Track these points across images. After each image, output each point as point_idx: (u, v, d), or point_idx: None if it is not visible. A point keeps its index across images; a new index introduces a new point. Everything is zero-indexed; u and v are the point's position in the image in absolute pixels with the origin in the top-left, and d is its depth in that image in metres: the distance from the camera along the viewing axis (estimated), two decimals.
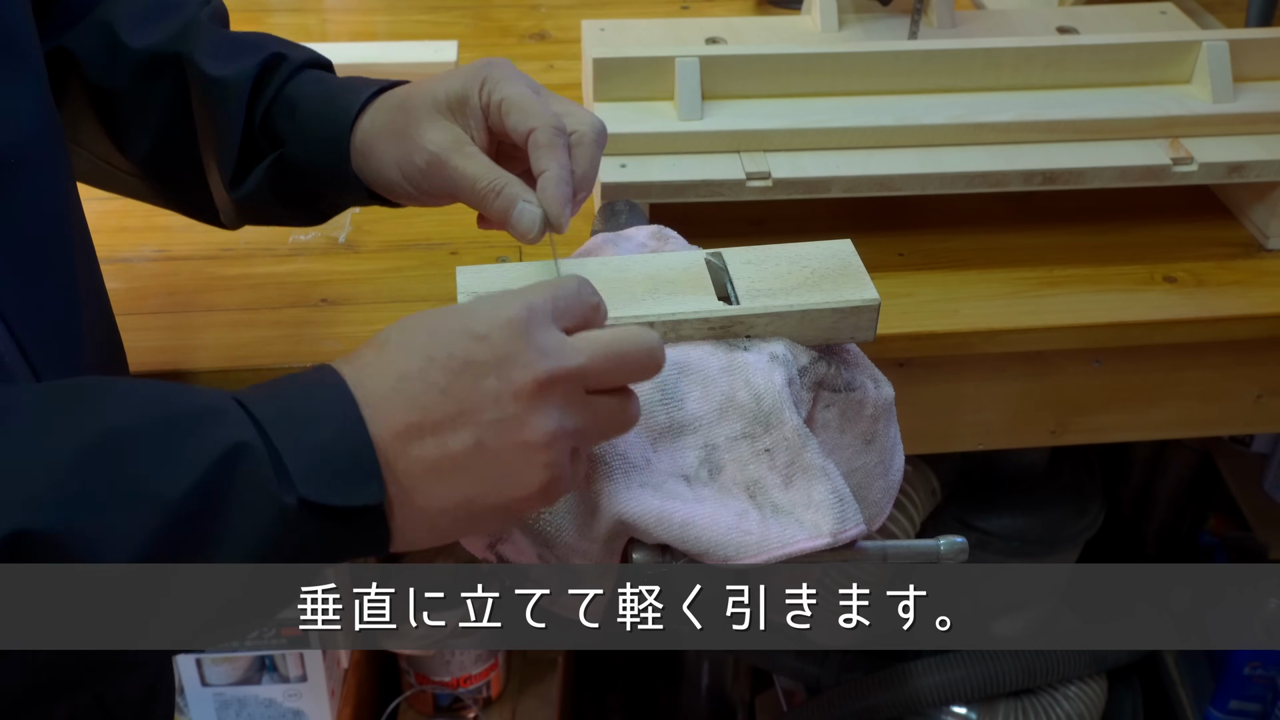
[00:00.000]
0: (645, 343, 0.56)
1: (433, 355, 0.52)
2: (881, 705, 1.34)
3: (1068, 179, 0.95)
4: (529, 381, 0.52)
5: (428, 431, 0.51)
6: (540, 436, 0.53)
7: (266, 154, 0.74)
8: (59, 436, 0.46)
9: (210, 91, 0.73)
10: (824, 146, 0.95)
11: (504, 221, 0.66)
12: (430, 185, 0.69)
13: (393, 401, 0.51)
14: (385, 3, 1.43)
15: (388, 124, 0.70)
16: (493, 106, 0.67)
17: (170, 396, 0.50)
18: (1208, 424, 1.03)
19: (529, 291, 0.55)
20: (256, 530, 0.48)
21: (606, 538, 0.65)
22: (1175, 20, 1.12)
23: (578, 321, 0.56)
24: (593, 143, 0.67)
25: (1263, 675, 1.48)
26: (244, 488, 0.48)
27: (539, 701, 1.51)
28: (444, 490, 0.52)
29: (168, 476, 0.47)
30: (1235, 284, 0.96)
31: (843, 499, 0.63)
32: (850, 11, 1.10)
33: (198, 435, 0.48)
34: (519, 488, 0.53)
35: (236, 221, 0.80)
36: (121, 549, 0.45)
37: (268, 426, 0.49)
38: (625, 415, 0.57)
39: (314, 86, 0.74)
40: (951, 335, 0.91)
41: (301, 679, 1.30)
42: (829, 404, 0.68)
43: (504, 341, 0.52)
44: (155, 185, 0.80)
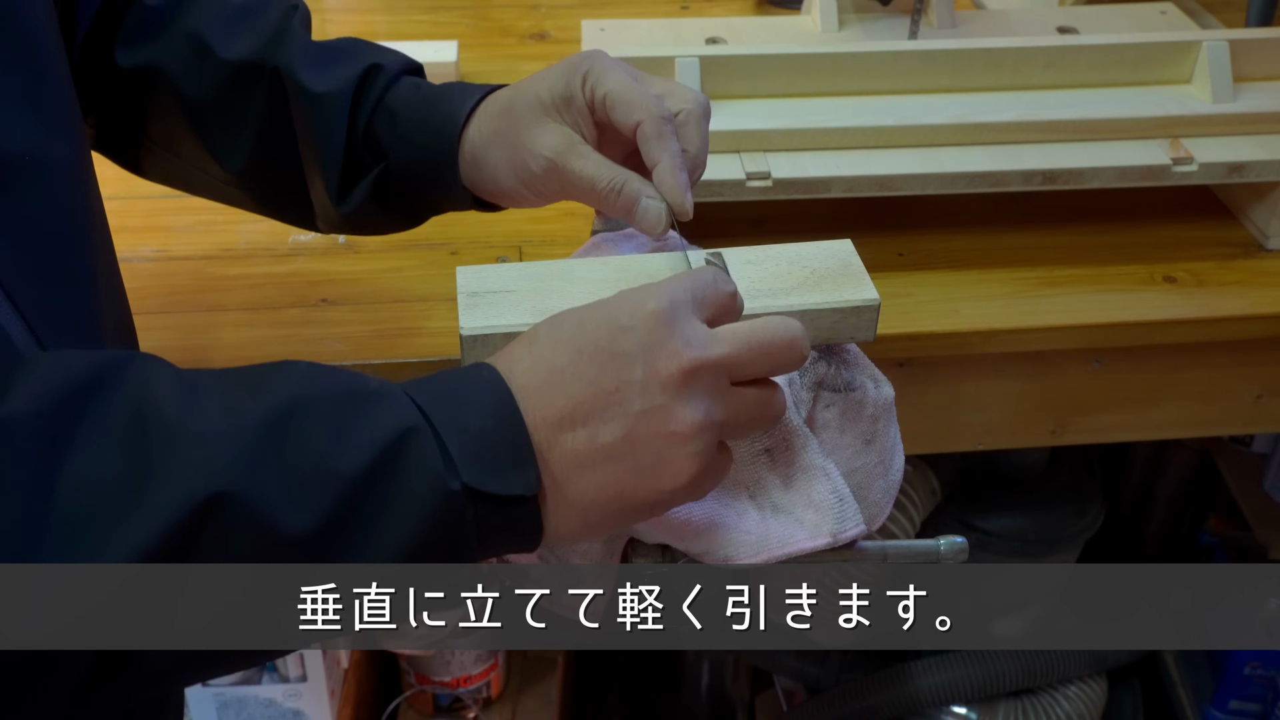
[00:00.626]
0: (788, 333, 0.56)
1: (580, 348, 0.54)
2: (881, 705, 1.34)
3: (1068, 179, 0.95)
4: (675, 371, 0.53)
5: (579, 423, 0.53)
6: (687, 426, 0.53)
7: (368, 165, 0.74)
8: (249, 409, 0.49)
9: (310, 106, 0.73)
10: (824, 146, 0.95)
11: (630, 218, 0.67)
12: (547, 188, 0.70)
13: (544, 394, 0.53)
14: (385, 3, 1.43)
15: (496, 131, 0.70)
16: (597, 101, 0.68)
17: (345, 378, 0.52)
18: (1208, 424, 1.03)
19: (670, 283, 0.56)
20: (421, 512, 0.50)
21: (607, 538, 0.65)
22: (1175, 20, 1.12)
23: (716, 311, 0.57)
24: (700, 119, 0.69)
25: (1263, 675, 1.48)
26: (412, 469, 0.50)
27: (539, 701, 1.51)
28: (595, 481, 0.53)
29: (345, 452, 0.49)
30: (1235, 284, 0.96)
31: (843, 499, 0.63)
32: (850, 11, 1.10)
33: (373, 415, 0.50)
34: (668, 479, 0.54)
35: (336, 230, 0.80)
36: (302, 516, 0.48)
37: (431, 414, 0.51)
38: (770, 407, 0.58)
39: (412, 95, 0.74)
40: (951, 335, 0.91)
41: (301, 679, 1.30)
42: (829, 404, 0.68)
43: (649, 332, 0.53)
44: (255, 195, 0.80)
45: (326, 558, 0.49)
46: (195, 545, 0.46)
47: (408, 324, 0.91)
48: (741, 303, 0.59)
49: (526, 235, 1.01)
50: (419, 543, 0.50)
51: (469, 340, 0.62)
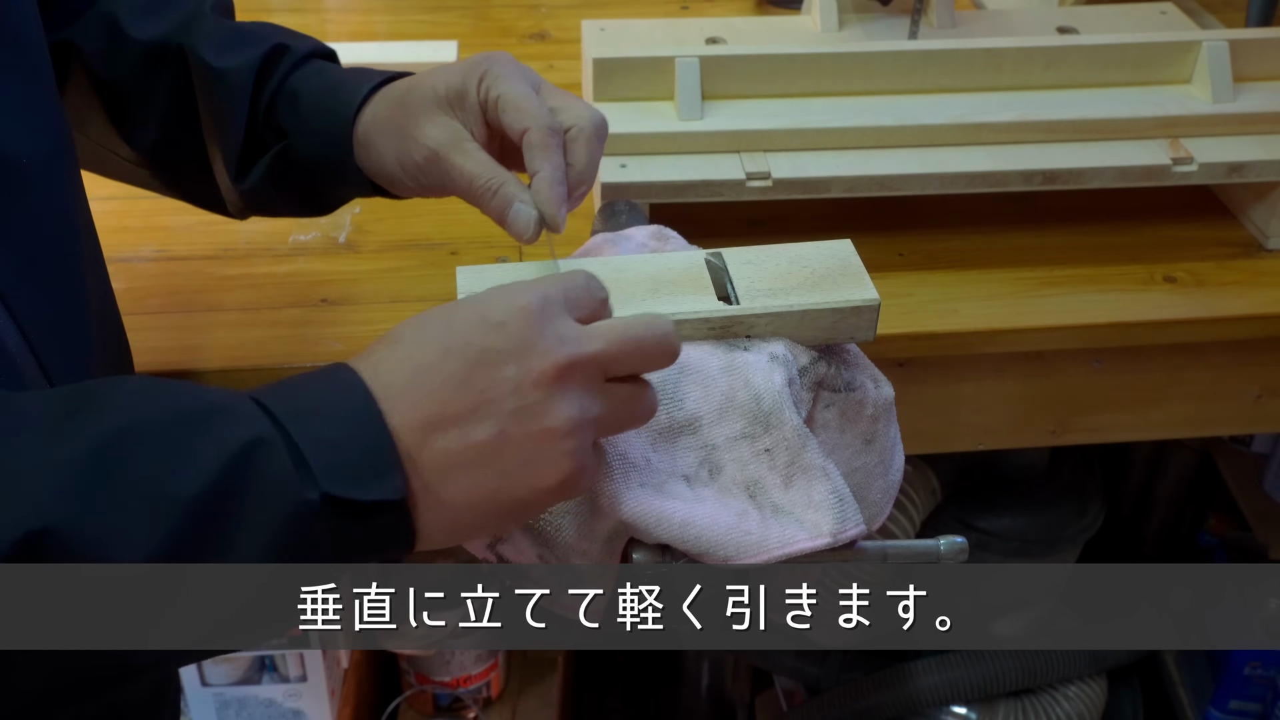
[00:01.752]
0: (659, 329, 0.55)
1: (449, 346, 0.52)
2: (881, 705, 1.34)
3: (1068, 179, 0.95)
4: (549, 367, 0.52)
5: (449, 423, 0.51)
6: (562, 423, 0.52)
7: (270, 146, 0.74)
8: (71, 436, 0.46)
9: (213, 83, 0.73)
10: (824, 146, 0.95)
11: (501, 221, 0.66)
12: (428, 180, 0.69)
13: (410, 394, 0.51)
14: (385, 3, 1.43)
15: (388, 118, 0.70)
16: (490, 102, 0.67)
17: (182, 394, 0.49)
18: (1208, 424, 1.03)
19: (540, 282, 0.54)
20: (275, 528, 0.47)
21: (606, 538, 0.65)
22: (1175, 20, 1.12)
23: (587, 314, 0.56)
24: (591, 138, 0.67)
25: (1263, 675, 1.48)
26: (262, 484, 0.47)
27: (539, 701, 1.51)
28: (468, 483, 0.52)
29: (182, 474, 0.46)
30: (1235, 284, 0.96)
31: (843, 499, 0.63)
32: (850, 11, 1.10)
33: (213, 432, 0.47)
34: (543, 478, 0.53)
35: (243, 212, 0.79)
36: (135, 547, 0.45)
37: (285, 422, 0.49)
38: (643, 404, 0.57)
39: (317, 78, 0.74)
40: (951, 335, 0.91)
41: (301, 679, 1.30)
42: (829, 404, 0.68)
43: (521, 329, 0.52)
44: (161, 176, 0.80)
45: (172, 585, 0.46)
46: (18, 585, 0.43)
47: None
48: (611, 312, 0.57)
49: None
50: (277, 557, 0.48)
51: None
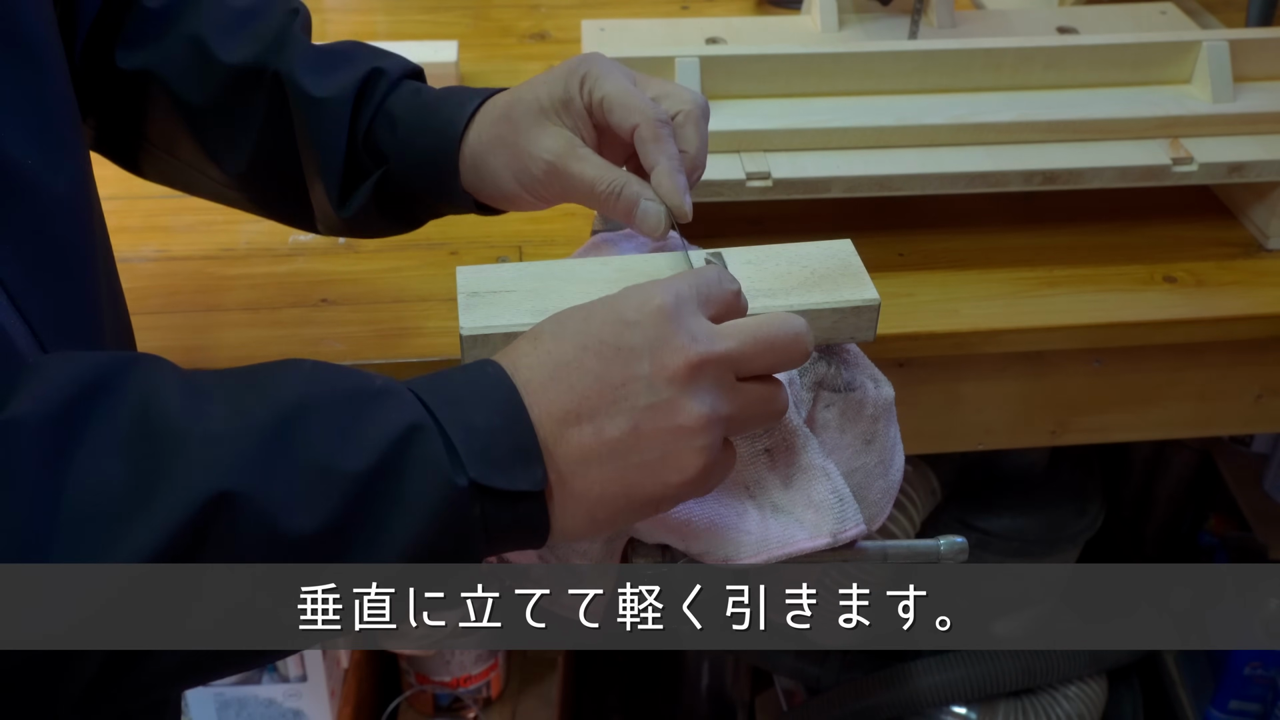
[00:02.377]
0: (792, 329, 0.57)
1: (586, 344, 0.54)
2: (881, 705, 1.34)
3: (1068, 179, 0.95)
4: (681, 365, 0.53)
5: (585, 418, 0.53)
6: (694, 420, 0.53)
7: (369, 170, 0.74)
8: (254, 409, 0.49)
9: (311, 111, 0.73)
10: (824, 146, 0.95)
11: (629, 221, 0.67)
12: (548, 192, 0.70)
13: (550, 389, 0.53)
14: (385, 3, 1.43)
15: (496, 136, 0.71)
16: (595, 104, 0.68)
17: (350, 377, 0.52)
18: (1208, 424, 1.03)
19: (675, 280, 0.56)
20: (428, 509, 0.50)
21: (606, 538, 0.65)
22: (1175, 20, 1.12)
23: (720, 309, 0.57)
24: (698, 120, 0.69)
25: (1263, 675, 1.48)
26: (418, 467, 0.50)
27: (539, 701, 1.51)
28: (602, 476, 0.53)
29: (351, 450, 0.49)
30: (1235, 284, 0.96)
31: (843, 499, 0.63)
32: (850, 11, 1.10)
33: (378, 414, 0.50)
34: (675, 473, 0.54)
35: (338, 233, 0.80)
36: (308, 515, 0.48)
37: (436, 411, 0.51)
38: (774, 403, 0.58)
39: (413, 99, 0.74)
40: (951, 335, 0.91)
41: (301, 679, 1.30)
42: (829, 404, 0.68)
43: (655, 327, 0.54)
44: (254, 197, 0.80)
45: (334, 557, 0.49)
46: (202, 546, 0.46)
47: (408, 324, 0.92)
48: (745, 302, 0.59)
49: (526, 235, 1.01)
50: (426, 539, 0.50)
51: (469, 340, 0.62)
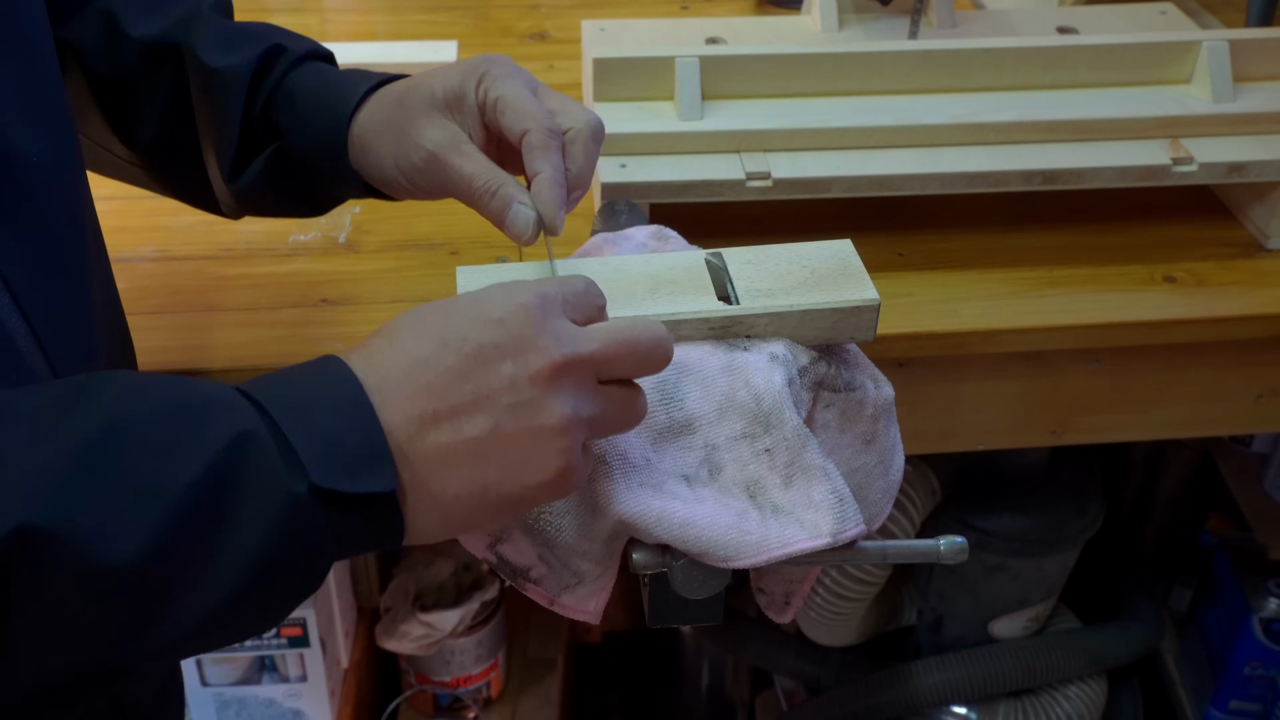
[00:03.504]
0: (654, 333, 0.56)
1: (446, 340, 0.52)
2: (881, 705, 1.34)
3: (1068, 179, 0.95)
4: (546, 365, 0.52)
5: (443, 417, 0.51)
6: (556, 421, 0.52)
7: (265, 146, 0.74)
8: (61, 432, 0.46)
9: (209, 82, 0.73)
10: (824, 146, 0.95)
11: (499, 222, 0.66)
12: (427, 182, 0.69)
13: (405, 387, 0.51)
14: (385, 3, 1.43)
15: (385, 120, 0.70)
16: (489, 105, 0.67)
17: (172, 388, 0.49)
18: (1208, 424, 1.03)
19: (540, 282, 0.55)
20: (265, 521, 0.47)
21: (607, 538, 0.65)
22: (1175, 20, 1.12)
23: (585, 318, 0.56)
24: (588, 140, 0.67)
25: (1263, 675, 1.48)
26: (251, 477, 0.47)
27: (539, 701, 1.51)
28: (459, 477, 0.52)
29: (171, 468, 0.46)
30: (1235, 284, 0.96)
31: (843, 499, 0.63)
32: (850, 11, 1.10)
33: (202, 426, 0.47)
34: (534, 474, 0.53)
35: (236, 211, 0.79)
36: (126, 543, 0.45)
37: (275, 414, 0.49)
38: (634, 408, 0.57)
39: (314, 79, 0.74)
40: (951, 335, 0.91)
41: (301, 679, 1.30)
42: (829, 404, 0.68)
43: (519, 326, 0.52)
44: (157, 175, 0.80)
45: (163, 584, 0.46)
46: (7, 587, 0.43)
47: None
48: (608, 318, 0.58)
49: None
50: (265, 553, 0.47)
51: None
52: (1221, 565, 1.51)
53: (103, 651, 0.46)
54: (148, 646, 0.47)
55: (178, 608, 0.47)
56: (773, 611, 0.73)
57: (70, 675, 0.47)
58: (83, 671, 0.47)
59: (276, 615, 0.52)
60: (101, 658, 0.47)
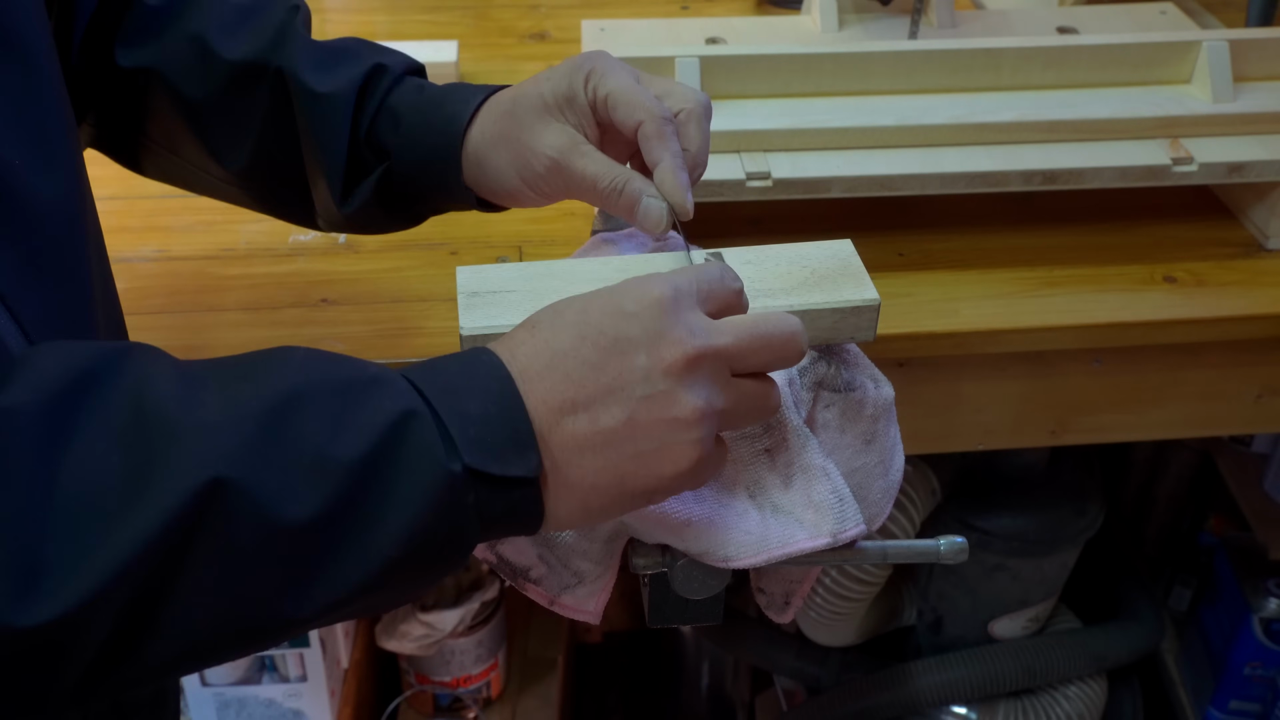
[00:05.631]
0: (788, 327, 0.57)
1: (584, 333, 0.54)
2: (881, 705, 1.34)
3: (1068, 179, 0.95)
4: (679, 357, 0.53)
5: (580, 407, 0.53)
6: (689, 412, 0.54)
7: (371, 166, 0.74)
8: (248, 397, 0.49)
9: (314, 106, 0.73)
10: (824, 146, 0.95)
11: (630, 217, 0.68)
12: (551, 188, 0.71)
13: (546, 378, 0.53)
14: (385, 3, 1.43)
15: (499, 132, 0.71)
16: (599, 101, 0.68)
17: (344, 365, 0.52)
18: (1208, 424, 1.03)
19: (676, 274, 0.56)
20: (422, 496, 0.50)
21: (606, 538, 0.65)
22: (1175, 20, 1.12)
23: (720, 306, 0.57)
24: (700, 118, 0.69)
25: (1263, 675, 1.48)
26: (413, 454, 0.50)
27: (539, 701, 1.51)
28: (595, 465, 0.54)
29: (345, 439, 0.49)
30: (1235, 284, 0.96)
31: (843, 499, 0.63)
32: (850, 11, 1.10)
33: (372, 401, 0.50)
34: (669, 464, 0.54)
35: (340, 229, 0.80)
36: (303, 503, 0.48)
37: (431, 398, 0.51)
38: (768, 400, 0.58)
39: (416, 96, 0.74)
40: (951, 335, 0.91)
41: (301, 679, 1.30)
42: (829, 404, 0.68)
43: (653, 319, 0.54)
44: (256, 194, 0.80)
45: (328, 545, 0.49)
46: (197, 534, 0.46)
47: (408, 324, 0.92)
48: (746, 301, 0.59)
49: (526, 235, 1.01)
50: (420, 527, 0.50)
51: (469, 340, 0.62)
52: (1221, 565, 1.51)
53: (268, 605, 0.49)
54: (308, 604, 0.49)
55: (338, 570, 0.49)
56: (773, 611, 0.73)
57: (237, 624, 0.49)
58: (247, 622, 0.49)
59: (420, 587, 0.54)
60: (267, 610, 0.49)
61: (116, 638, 0.46)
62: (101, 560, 0.44)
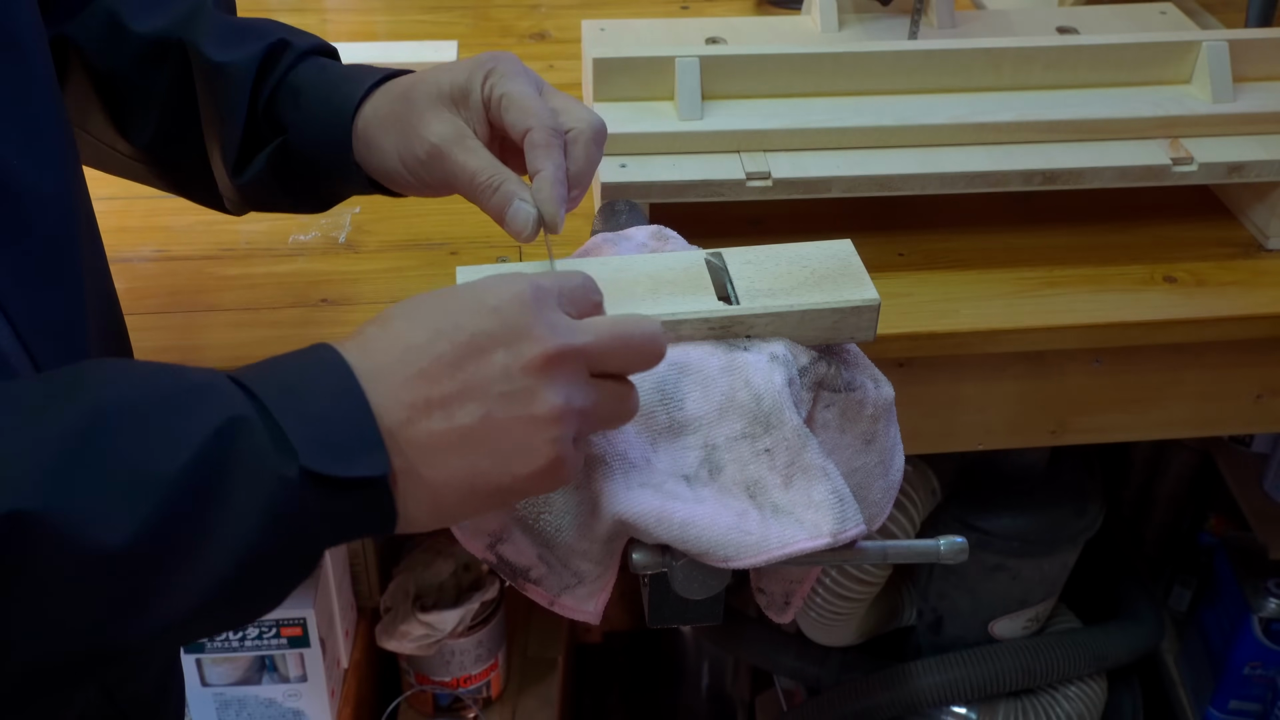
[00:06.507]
0: (648, 328, 0.56)
1: (440, 328, 0.52)
2: (881, 705, 1.33)
3: (1068, 179, 0.95)
4: (539, 355, 0.52)
5: (435, 404, 0.52)
6: (548, 410, 0.53)
7: (268, 139, 0.74)
8: (52, 418, 0.45)
9: (213, 78, 0.73)
10: (824, 146, 0.95)
11: (499, 218, 0.66)
12: (430, 176, 0.70)
13: (398, 374, 0.51)
14: (385, 3, 1.43)
15: (390, 113, 0.70)
16: (493, 101, 0.68)
17: (162, 375, 0.49)
18: (1208, 424, 1.03)
19: (538, 275, 0.56)
20: (256, 505, 0.47)
21: (606, 538, 0.65)
22: (1175, 20, 1.12)
23: (581, 312, 0.57)
24: (590, 141, 0.68)
25: (1262, 675, 1.48)
26: (242, 461, 0.47)
27: (539, 701, 1.51)
28: (451, 464, 0.52)
29: (162, 453, 0.46)
30: (1235, 284, 0.96)
31: (843, 499, 0.63)
32: (850, 11, 1.10)
33: (192, 411, 0.47)
34: (525, 464, 0.53)
35: (240, 208, 0.80)
36: (118, 527, 0.45)
37: (265, 399, 0.49)
38: (627, 403, 0.58)
39: (317, 74, 0.74)
40: (951, 335, 0.91)
41: (301, 679, 1.30)
42: (829, 404, 0.68)
43: (514, 315, 0.53)
44: (160, 170, 0.80)
45: (155, 568, 0.46)
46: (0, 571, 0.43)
47: None
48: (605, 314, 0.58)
49: None
50: (257, 537, 0.47)
51: None
52: (1221, 565, 1.51)
53: (94, 635, 0.46)
54: (139, 631, 0.47)
55: (170, 592, 0.47)
56: (773, 611, 0.73)
57: (62, 659, 0.46)
58: (74, 656, 0.46)
59: (269, 602, 0.52)
60: (93, 642, 0.46)
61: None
62: None
